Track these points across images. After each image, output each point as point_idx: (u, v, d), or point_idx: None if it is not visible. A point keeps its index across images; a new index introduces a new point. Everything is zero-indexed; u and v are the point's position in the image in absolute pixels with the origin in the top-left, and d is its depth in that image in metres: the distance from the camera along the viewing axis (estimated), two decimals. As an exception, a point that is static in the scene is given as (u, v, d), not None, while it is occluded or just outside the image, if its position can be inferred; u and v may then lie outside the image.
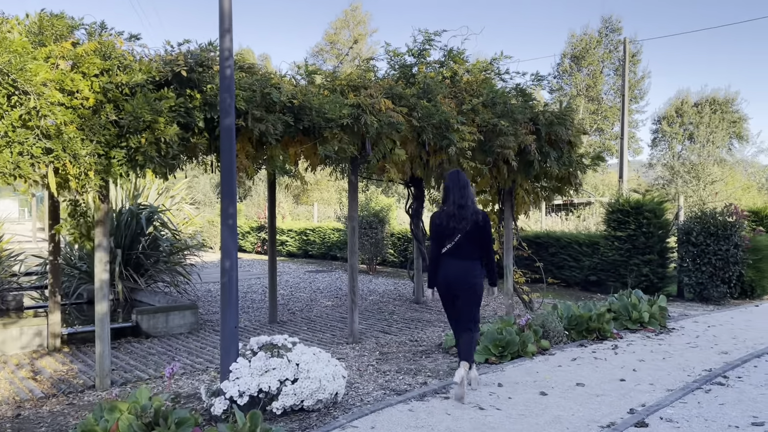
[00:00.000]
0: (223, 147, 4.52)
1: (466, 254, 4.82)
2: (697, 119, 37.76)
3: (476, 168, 7.38)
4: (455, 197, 4.89)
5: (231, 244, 4.53)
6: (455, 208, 4.86)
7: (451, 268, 4.84)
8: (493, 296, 10.57)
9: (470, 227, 4.81)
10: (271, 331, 7.84)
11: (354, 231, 7.01)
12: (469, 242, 4.81)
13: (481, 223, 4.85)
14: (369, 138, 6.33)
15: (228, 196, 4.52)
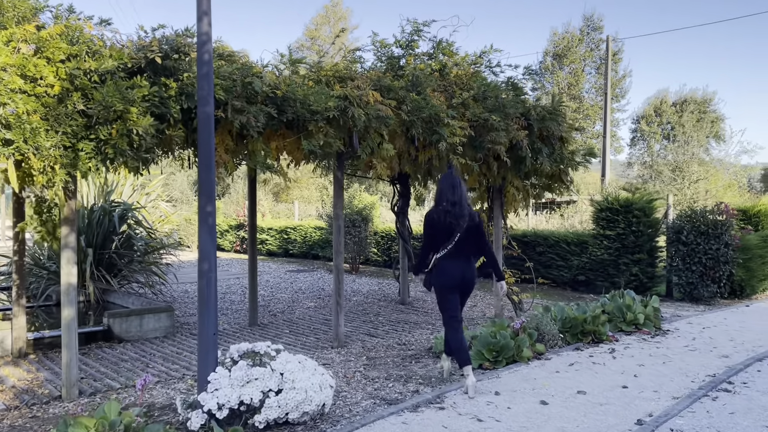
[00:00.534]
0: (201, 139, 4.16)
1: (465, 252, 4.95)
2: (676, 119, 38.06)
3: (466, 165, 7.10)
4: (450, 196, 4.95)
5: (209, 245, 4.17)
6: (450, 206, 4.92)
7: (456, 267, 4.91)
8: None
9: (467, 225, 4.89)
10: (251, 334, 7.49)
11: (340, 230, 6.69)
12: (466, 240, 4.91)
13: (476, 222, 5.00)
14: (356, 132, 6.00)
15: (206, 193, 4.17)
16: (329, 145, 5.85)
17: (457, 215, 4.86)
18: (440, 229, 4.90)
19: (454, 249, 4.85)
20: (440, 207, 4.95)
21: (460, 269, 4.91)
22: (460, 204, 4.91)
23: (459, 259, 4.90)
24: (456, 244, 4.84)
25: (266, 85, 5.49)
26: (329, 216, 15.00)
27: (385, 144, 6.26)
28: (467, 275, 4.96)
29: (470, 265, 5.00)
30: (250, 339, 7.14)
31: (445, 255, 4.88)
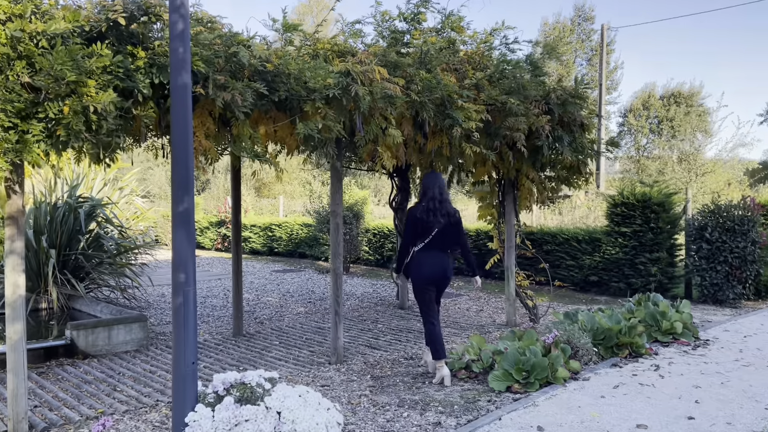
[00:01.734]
0: (176, 116, 3.28)
1: (442, 247, 5.16)
2: (663, 113, 37.72)
3: (479, 154, 6.27)
4: (437, 194, 5.18)
5: (187, 251, 3.29)
6: (434, 203, 5.15)
7: (434, 262, 5.12)
8: (475, 288, 9.53)
9: (445, 222, 5.13)
10: (236, 347, 6.59)
11: (338, 229, 5.83)
12: (443, 236, 5.13)
13: (456, 218, 5.23)
14: (360, 114, 5.14)
15: (182, 184, 3.29)
16: (328, 129, 4.98)
17: (442, 213, 5.11)
18: (423, 226, 5.09)
19: (433, 243, 5.07)
20: (425, 204, 5.14)
21: (438, 263, 5.11)
22: (448, 201, 5.22)
23: (437, 252, 5.12)
24: (434, 237, 5.07)
25: (254, 57, 4.60)
26: (316, 212, 14.11)
27: (392, 129, 5.40)
28: (446, 269, 5.16)
29: (448, 259, 5.21)
30: (234, 353, 6.25)
31: (423, 248, 5.09)
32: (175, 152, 3.27)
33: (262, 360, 6.02)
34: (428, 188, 5.21)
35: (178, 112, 3.25)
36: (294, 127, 5.07)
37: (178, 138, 3.26)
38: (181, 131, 3.25)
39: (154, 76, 4.15)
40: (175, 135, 3.27)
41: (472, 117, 5.79)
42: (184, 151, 3.26)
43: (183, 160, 3.25)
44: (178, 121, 3.25)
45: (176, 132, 3.26)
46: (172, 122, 3.29)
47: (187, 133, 3.29)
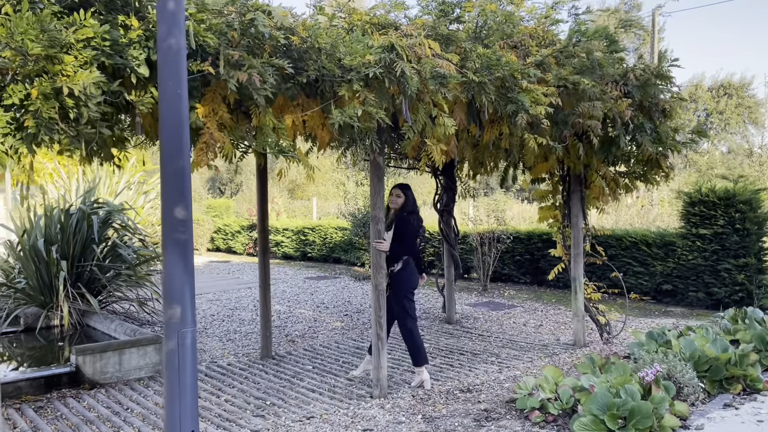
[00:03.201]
0: (163, 90, 2.40)
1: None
2: (713, 105, 35.95)
3: (544, 147, 5.26)
4: (413, 203, 5.40)
5: (183, 278, 2.41)
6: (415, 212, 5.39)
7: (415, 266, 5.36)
8: (559, 308, 8.49)
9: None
10: (263, 373, 5.73)
11: (379, 235, 4.90)
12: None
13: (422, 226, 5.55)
14: (406, 98, 4.21)
15: (174, 191, 2.41)
16: (368, 116, 4.06)
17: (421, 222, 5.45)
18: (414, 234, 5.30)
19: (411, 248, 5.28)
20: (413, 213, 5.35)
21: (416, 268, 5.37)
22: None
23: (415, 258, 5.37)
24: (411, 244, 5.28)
25: (277, 27, 3.71)
26: (351, 214, 13.23)
27: (444, 117, 4.45)
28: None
29: None
30: (261, 381, 5.39)
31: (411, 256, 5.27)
32: (164, 146, 2.40)
33: (292, 391, 5.14)
34: (409, 198, 5.36)
35: (165, 87, 2.37)
36: (326, 115, 4.17)
37: (168, 124, 2.38)
38: (171, 114, 2.37)
39: (152, 52, 3.29)
40: (165, 118, 2.39)
41: (541, 101, 4.80)
42: (176, 145, 2.39)
43: (174, 156, 2.37)
44: (167, 98, 2.37)
45: (166, 114, 2.38)
46: (159, 102, 2.41)
47: (181, 119, 2.41)
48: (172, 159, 2.34)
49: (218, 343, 6.95)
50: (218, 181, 39.13)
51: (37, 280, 7.24)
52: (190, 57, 3.47)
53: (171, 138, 2.33)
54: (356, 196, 13.57)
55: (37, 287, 7.26)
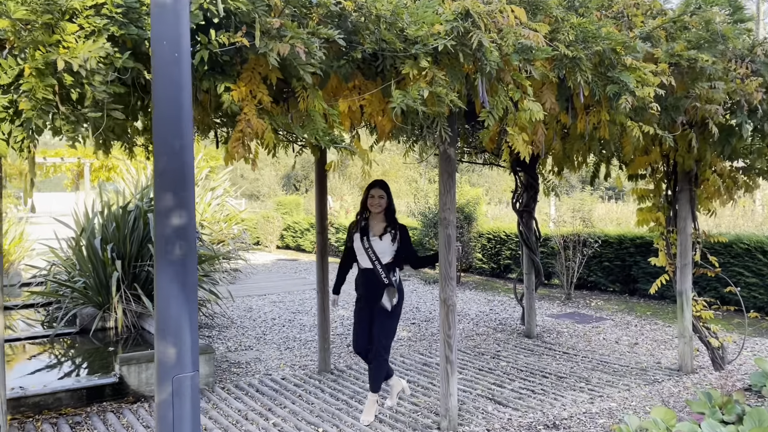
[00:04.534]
0: (157, 57, 1.80)
1: None
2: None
3: (650, 137, 4.37)
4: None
5: (180, 306, 1.81)
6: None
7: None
8: (656, 323, 7.49)
9: None
10: (319, 390, 5.14)
11: (450, 242, 4.19)
12: None
13: None
14: (484, 77, 3.47)
15: (170, 186, 1.80)
16: (437, 99, 3.35)
17: None
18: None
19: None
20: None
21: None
22: None
23: None
24: None
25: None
26: (422, 213, 12.52)
27: (529, 101, 3.68)
28: None
29: None
30: (315, 401, 4.79)
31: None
32: (157, 128, 1.79)
33: (349, 417, 4.52)
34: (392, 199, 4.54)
35: (161, 50, 1.77)
36: (387, 99, 3.50)
37: (161, 99, 1.79)
38: (166, 85, 1.77)
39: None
40: (158, 93, 1.79)
41: (649, 81, 3.93)
42: (172, 125, 1.78)
43: (169, 141, 1.76)
44: (162, 65, 1.77)
45: (159, 87, 1.79)
46: (153, 69, 1.80)
47: (179, 91, 1.80)
48: (166, 144, 1.74)
49: (275, 352, 6.44)
50: (293, 177, 39.39)
51: (93, 280, 6.99)
52: (221, 27, 2.88)
53: (166, 117, 1.74)
54: (427, 194, 12.86)
55: (93, 287, 7.01)
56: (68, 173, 17.77)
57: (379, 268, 4.37)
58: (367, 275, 4.43)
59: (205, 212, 11.36)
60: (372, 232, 4.42)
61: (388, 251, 4.40)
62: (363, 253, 4.41)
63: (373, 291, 4.40)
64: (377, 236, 4.40)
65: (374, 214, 4.46)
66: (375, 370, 4.41)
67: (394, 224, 4.46)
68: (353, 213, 19.12)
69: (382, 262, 4.38)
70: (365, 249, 4.38)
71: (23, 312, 8.18)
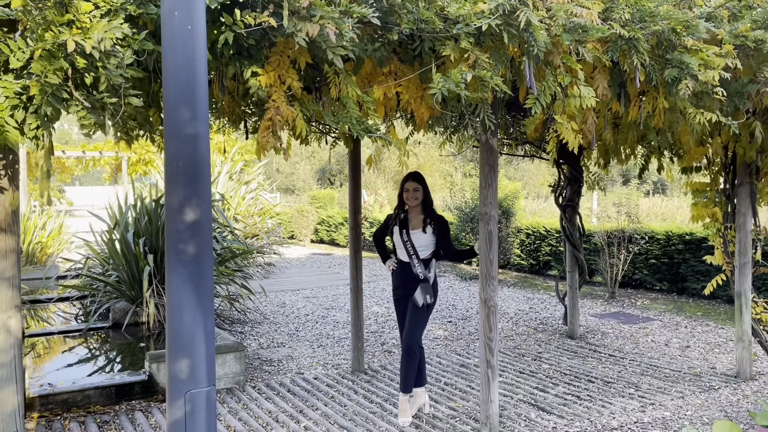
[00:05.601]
0: (167, 29, 1.59)
1: None
2: None
3: (715, 124, 4.02)
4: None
5: (194, 314, 1.61)
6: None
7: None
8: (707, 326, 7.09)
9: None
10: (352, 391, 4.94)
11: (492, 239, 3.92)
12: None
13: None
14: (531, 60, 3.19)
15: (183, 176, 1.60)
16: (481, 83, 3.09)
17: None
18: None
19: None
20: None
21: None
22: None
23: None
24: None
25: (359, -35, 2.84)
26: (458, 208, 12.22)
27: (581, 86, 3.38)
28: None
29: None
30: (348, 403, 4.59)
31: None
32: (169, 109, 1.58)
33: (383, 421, 4.30)
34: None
35: (171, 21, 1.55)
36: (425, 85, 3.26)
37: (173, 78, 1.57)
38: (178, 62, 1.56)
39: None
40: (169, 71, 1.58)
41: (713, 64, 3.59)
42: (186, 106, 1.56)
43: (181, 125, 1.55)
44: (172, 38, 1.56)
45: (170, 64, 1.57)
46: (163, 43, 1.59)
47: (194, 68, 1.58)
48: (178, 128, 1.54)
49: (308, 350, 6.27)
50: (328, 171, 39.38)
51: (126, 274, 6.93)
52: (246, 6, 2.68)
53: (178, 97, 1.54)
54: (463, 188, 12.56)
55: (126, 281, 6.94)
56: (107, 167, 17.99)
57: (416, 262, 4.24)
58: (403, 267, 4.34)
59: (239, 206, 11.29)
60: (411, 224, 4.34)
61: (428, 244, 4.28)
62: (401, 246, 4.32)
63: (409, 284, 4.30)
64: (417, 229, 4.30)
65: (412, 207, 4.33)
66: (403, 366, 4.26)
67: (432, 215, 4.33)
68: (388, 207, 18.93)
69: (420, 257, 4.25)
70: (404, 242, 4.26)
71: (59, 305, 8.21)
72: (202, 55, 1.58)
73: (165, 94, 1.57)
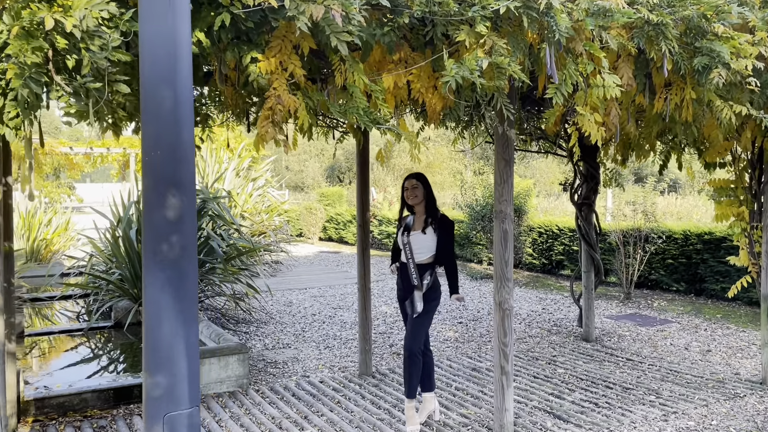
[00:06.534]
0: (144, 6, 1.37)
1: None
2: None
3: (745, 117, 3.78)
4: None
5: (173, 324, 1.41)
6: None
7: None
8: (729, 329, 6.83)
9: None
10: (359, 396, 4.74)
11: (507, 239, 3.71)
12: None
13: None
14: (552, 46, 2.97)
15: (161, 166, 1.40)
16: (498, 71, 2.87)
17: None
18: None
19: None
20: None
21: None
22: None
23: None
24: None
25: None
26: (468, 206, 11.98)
27: (604, 74, 3.15)
28: None
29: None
30: (355, 409, 4.39)
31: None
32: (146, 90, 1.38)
33: (391, 428, 4.10)
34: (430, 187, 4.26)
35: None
36: (437, 73, 3.05)
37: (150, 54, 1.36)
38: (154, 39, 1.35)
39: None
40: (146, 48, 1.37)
41: (745, 52, 3.36)
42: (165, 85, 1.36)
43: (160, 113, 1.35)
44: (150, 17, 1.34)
45: (147, 41, 1.36)
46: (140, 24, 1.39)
47: (174, 45, 1.38)
48: (157, 111, 1.34)
49: (314, 351, 6.08)
50: (337, 169, 39.23)
51: (129, 272, 6.76)
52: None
53: (156, 75, 1.34)
54: (474, 185, 12.33)
55: (129, 279, 6.78)
56: (115, 164, 17.88)
57: (412, 267, 4.04)
58: (402, 270, 4.17)
59: (246, 203, 11.12)
60: (414, 226, 4.14)
61: (427, 247, 4.06)
62: (402, 248, 4.13)
63: (406, 287, 4.12)
64: (417, 230, 4.10)
65: (416, 207, 4.15)
66: (406, 370, 4.05)
67: (434, 215, 4.09)
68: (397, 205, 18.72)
69: (416, 261, 4.04)
70: (404, 245, 4.08)
71: (62, 303, 8.07)
72: (185, 26, 1.38)
73: (141, 71, 1.37)
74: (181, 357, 1.38)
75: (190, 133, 1.41)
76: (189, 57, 1.41)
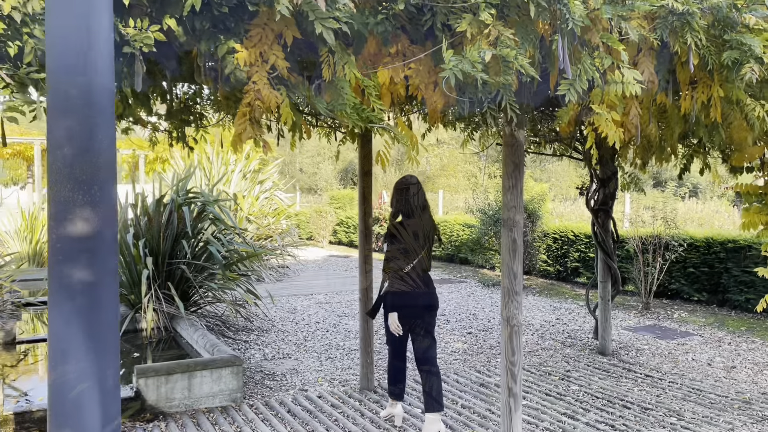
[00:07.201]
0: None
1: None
2: None
3: None
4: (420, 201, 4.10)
5: (82, 358, 1.10)
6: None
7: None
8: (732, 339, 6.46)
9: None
10: (358, 412, 4.46)
11: (516, 249, 3.40)
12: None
13: None
14: (564, 37, 2.67)
15: (70, 167, 1.11)
16: (503, 64, 2.58)
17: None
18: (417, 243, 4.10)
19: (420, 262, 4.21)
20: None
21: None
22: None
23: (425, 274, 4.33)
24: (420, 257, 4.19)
25: None
26: (481, 210, 11.66)
27: (623, 69, 2.85)
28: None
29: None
30: (353, 428, 4.11)
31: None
32: (52, 76, 1.10)
33: (390, 452, 3.81)
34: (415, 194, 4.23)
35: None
36: (438, 67, 2.76)
37: (57, 25, 1.08)
38: (63, 20, 1.07)
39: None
40: (52, 17, 1.10)
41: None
42: (80, 74, 1.09)
43: (69, 102, 1.07)
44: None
45: (53, 10, 1.09)
46: None
47: (92, 15, 1.10)
48: (66, 98, 1.07)
49: (315, 362, 5.81)
50: (351, 171, 39.00)
51: (126, 277, 6.55)
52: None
53: (64, 53, 1.07)
54: (487, 189, 12.01)
55: (126, 284, 6.57)
56: (124, 165, 17.79)
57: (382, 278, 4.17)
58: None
59: (253, 206, 10.89)
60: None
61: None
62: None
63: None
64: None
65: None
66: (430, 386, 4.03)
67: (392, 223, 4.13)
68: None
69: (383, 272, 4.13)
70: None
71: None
72: (103, 5, 1.11)
73: (48, 50, 1.11)
74: (92, 412, 1.09)
75: (110, 129, 1.13)
76: (110, 33, 1.13)
